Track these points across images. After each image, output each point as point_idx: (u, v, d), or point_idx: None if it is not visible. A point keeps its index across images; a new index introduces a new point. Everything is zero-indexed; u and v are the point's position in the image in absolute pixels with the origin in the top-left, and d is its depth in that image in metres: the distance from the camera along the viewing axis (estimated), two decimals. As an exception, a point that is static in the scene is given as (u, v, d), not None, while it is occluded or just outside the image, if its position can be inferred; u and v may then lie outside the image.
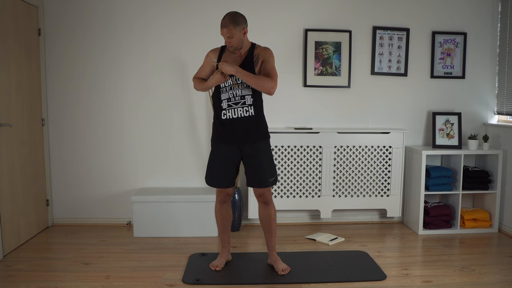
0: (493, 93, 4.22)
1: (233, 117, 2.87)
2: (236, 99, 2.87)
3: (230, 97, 2.87)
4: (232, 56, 2.92)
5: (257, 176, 2.92)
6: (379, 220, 4.25)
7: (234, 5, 3.92)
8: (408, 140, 4.18)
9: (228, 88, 2.88)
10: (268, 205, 3.01)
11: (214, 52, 2.98)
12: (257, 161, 2.91)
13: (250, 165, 2.93)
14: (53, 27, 3.89)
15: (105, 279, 2.91)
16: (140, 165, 4.06)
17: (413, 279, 2.96)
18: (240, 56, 2.91)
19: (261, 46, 2.95)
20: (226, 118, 2.89)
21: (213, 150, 3.01)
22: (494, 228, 3.96)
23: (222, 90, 2.90)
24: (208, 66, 2.99)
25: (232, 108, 2.87)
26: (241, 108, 2.87)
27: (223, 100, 2.90)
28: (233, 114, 2.87)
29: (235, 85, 2.86)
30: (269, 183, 2.93)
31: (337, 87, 4.08)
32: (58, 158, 4.02)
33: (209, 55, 2.98)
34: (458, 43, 4.14)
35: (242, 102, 2.87)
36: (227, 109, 2.88)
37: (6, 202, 3.32)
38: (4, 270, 3.06)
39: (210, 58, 2.96)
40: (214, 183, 3.00)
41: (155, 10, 3.93)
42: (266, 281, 2.89)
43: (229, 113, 2.87)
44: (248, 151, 2.91)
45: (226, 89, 2.89)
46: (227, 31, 2.78)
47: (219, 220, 3.12)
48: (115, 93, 3.98)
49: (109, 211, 4.08)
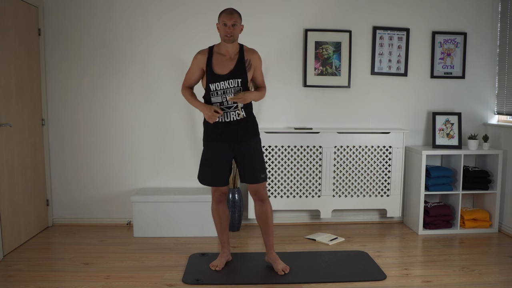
0: (493, 93, 4.22)
1: (226, 121, 2.87)
2: (229, 102, 2.85)
3: (223, 101, 2.85)
4: (223, 59, 2.85)
5: (251, 173, 2.94)
6: (379, 220, 4.25)
7: (235, 5, 3.91)
8: (408, 140, 4.18)
9: (220, 92, 2.83)
10: (264, 203, 3.01)
11: (202, 54, 2.88)
12: (250, 158, 2.94)
13: (244, 162, 2.95)
14: (53, 27, 3.89)
15: (105, 279, 2.91)
16: (140, 165, 4.06)
17: (413, 279, 2.96)
18: (231, 59, 2.86)
19: (249, 49, 2.93)
20: (219, 121, 2.88)
21: (205, 148, 3.01)
22: (494, 228, 3.96)
23: (213, 93, 2.85)
24: (197, 71, 2.89)
25: (225, 112, 2.86)
26: (233, 112, 2.87)
27: (215, 103, 2.86)
28: (225, 118, 2.87)
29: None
30: (261, 179, 2.95)
31: (337, 87, 4.08)
32: (58, 158, 4.01)
33: (198, 58, 2.88)
34: (458, 43, 4.14)
35: (234, 106, 2.87)
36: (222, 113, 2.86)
37: (6, 202, 3.32)
38: (4, 270, 3.06)
39: (198, 61, 2.87)
40: (207, 181, 3.00)
41: (155, 10, 3.93)
42: (266, 281, 2.89)
43: (222, 117, 2.87)
44: (241, 149, 2.93)
45: (218, 93, 2.84)
46: (232, 17, 2.75)
47: (216, 220, 3.12)
48: (115, 93, 3.98)
49: (109, 211, 4.08)
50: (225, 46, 2.84)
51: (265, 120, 4.06)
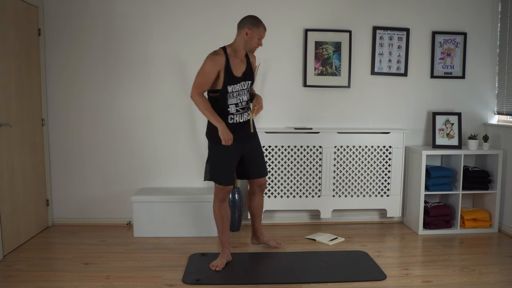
0: (493, 93, 4.22)
1: (240, 121, 3.03)
2: (242, 104, 3.03)
3: (237, 102, 3.00)
4: (236, 61, 2.98)
5: (260, 167, 3.21)
6: (379, 220, 4.25)
7: (235, 5, 3.93)
8: (408, 140, 4.18)
9: (236, 93, 2.98)
10: (263, 193, 3.35)
11: (220, 56, 2.91)
12: (258, 154, 3.20)
13: (253, 158, 3.17)
14: (53, 27, 3.89)
15: (105, 279, 2.91)
16: (140, 165, 4.06)
17: (413, 279, 2.96)
18: (242, 61, 3.02)
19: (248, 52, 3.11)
20: (234, 122, 3.01)
21: (221, 149, 3.01)
22: (494, 228, 3.96)
23: (230, 95, 2.96)
24: (214, 73, 2.88)
25: (239, 113, 3.02)
26: (246, 113, 3.07)
27: (231, 105, 2.98)
28: (239, 118, 3.03)
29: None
30: (267, 172, 3.29)
31: (337, 87, 4.08)
32: (58, 158, 4.01)
33: (216, 59, 2.87)
34: (458, 43, 4.14)
35: (246, 107, 3.07)
36: (236, 114, 3.01)
37: (6, 202, 3.32)
38: (4, 270, 3.06)
39: (217, 63, 2.87)
40: (226, 181, 3.05)
41: (156, 10, 3.92)
42: (266, 281, 2.89)
43: (236, 118, 3.01)
44: (251, 146, 3.14)
45: (234, 94, 2.98)
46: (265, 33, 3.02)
47: (218, 219, 3.13)
48: (115, 92, 3.98)
49: (109, 211, 4.08)
50: (240, 50, 2.99)
51: (265, 120, 4.06)
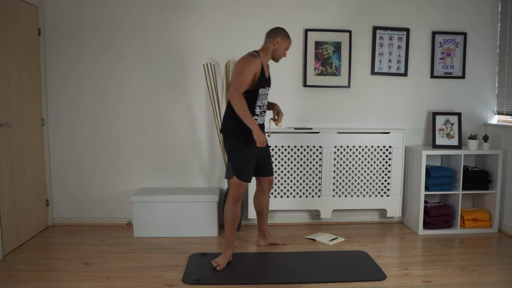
0: (493, 93, 4.22)
1: (260, 123, 3.19)
2: (264, 107, 3.20)
3: (261, 104, 3.15)
4: (265, 66, 3.17)
5: (271, 166, 3.39)
6: (379, 220, 4.25)
7: (235, 5, 3.93)
8: (408, 140, 4.18)
9: (262, 96, 3.13)
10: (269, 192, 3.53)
11: (259, 59, 3.05)
12: (268, 153, 3.38)
13: (265, 157, 3.33)
14: (53, 27, 3.89)
15: (105, 279, 2.91)
16: (140, 165, 4.06)
17: (413, 279, 2.96)
18: (268, 67, 3.23)
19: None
20: (257, 123, 3.12)
21: (245, 148, 3.12)
22: (494, 228, 3.96)
23: (259, 97, 3.10)
24: (252, 75, 3.02)
25: (262, 115, 3.19)
26: (265, 115, 3.24)
27: (257, 106, 3.12)
28: (261, 120, 3.20)
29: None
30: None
31: (337, 87, 4.08)
32: (58, 158, 4.02)
33: (256, 62, 3.02)
34: (458, 43, 4.14)
35: (265, 111, 3.24)
36: (259, 115, 3.15)
37: (6, 202, 3.32)
38: (4, 270, 3.06)
39: (256, 66, 3.02)
40: (250, 178, 3.19)
41: (156, 10, 3.92)
42: (266, 281, 2.89)
43: (259, 119, 3.17)
44: (265, 147, 3.31)
45: (261, 97, 3.12)
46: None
47: (229, 218, 3.16)
48: (115, 92, 3.98)
49: (109, 211, 4.08)
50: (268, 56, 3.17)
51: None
